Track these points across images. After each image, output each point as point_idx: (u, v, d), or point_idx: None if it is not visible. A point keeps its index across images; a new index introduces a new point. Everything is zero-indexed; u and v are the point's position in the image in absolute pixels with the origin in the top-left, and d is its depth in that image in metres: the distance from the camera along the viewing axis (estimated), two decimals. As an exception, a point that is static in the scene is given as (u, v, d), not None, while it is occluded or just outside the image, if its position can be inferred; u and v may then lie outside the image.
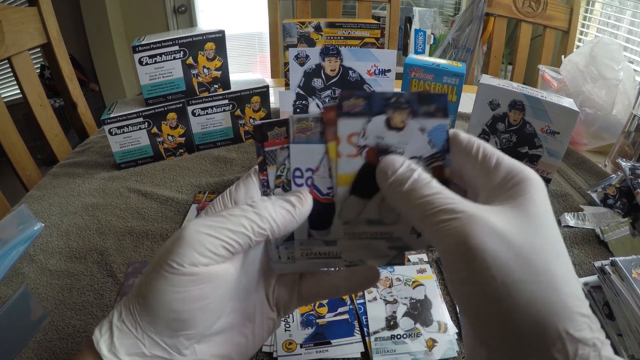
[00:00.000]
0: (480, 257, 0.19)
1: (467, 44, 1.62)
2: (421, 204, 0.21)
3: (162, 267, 0.22)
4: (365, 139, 0.25)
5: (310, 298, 0.29)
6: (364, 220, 0.26)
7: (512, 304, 0.18)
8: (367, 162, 0.25)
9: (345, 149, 0.25)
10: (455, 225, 0.20)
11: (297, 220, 0.25)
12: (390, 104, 0.24)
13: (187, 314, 0.22)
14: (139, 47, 0.65)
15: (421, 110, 0.24)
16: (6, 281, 0.49)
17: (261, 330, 0.27)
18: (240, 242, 0.23)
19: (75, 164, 0.75)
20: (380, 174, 0.24)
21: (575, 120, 0.58)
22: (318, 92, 0.57)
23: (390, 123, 0.25)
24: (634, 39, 1.51)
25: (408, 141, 0.25)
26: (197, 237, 0.22)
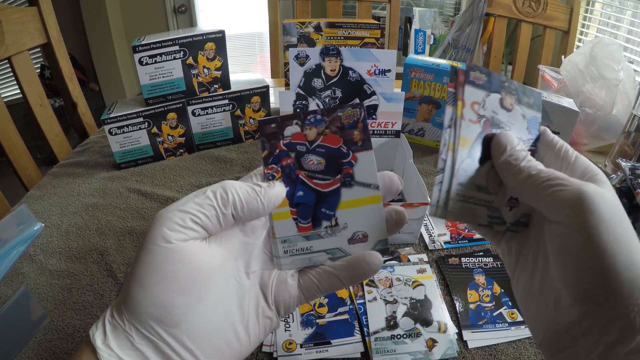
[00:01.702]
0: (596, 210, 0.22)
1: (467, 44, 1.62)
2: (539, 173, 0.25)
3: (140, 252, 0.23)
4: (485, 109, 0.27)
5: (311, 293, 0.29)
6: (473, 184, 0.27)
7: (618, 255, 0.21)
8: (483, 131, 0.27)
9: (469, 113, 0.27)
10: (574, 187, 0.23)
11: (261, 200, 0.26)
12: (504, 86, 0.28)
13: (165, 296, 0.23)
14: (139, 47, 0.65)
15: (524, 99, 0.29)
16: (6, 281, 0.49)
17: (257, 329, 0.27)
18: (206, 214, 0.24)
19: (75, 164, 0.75)
20: (496, 146, 0.27)
21: (575, 120, 0.58)
22: (318, 92, 0.57)
23: (503, 103, 0.28)
24: (634, 39, 1.51)
25: (514, 123, 0.28)
26: (166, 214, 0.24)
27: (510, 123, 0.28)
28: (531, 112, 0.29)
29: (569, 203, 0.23)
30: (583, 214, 0.22)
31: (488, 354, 0.41)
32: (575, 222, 0.22)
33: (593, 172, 0.25)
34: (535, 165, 0.26)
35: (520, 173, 0.25)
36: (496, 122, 0.28)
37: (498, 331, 0.43)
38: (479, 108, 0.27)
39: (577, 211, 0.22)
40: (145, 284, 0.23)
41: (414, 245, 0.54)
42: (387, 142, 0.61)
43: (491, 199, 0.28)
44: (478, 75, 0.27)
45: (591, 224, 0.22)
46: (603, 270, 0.21)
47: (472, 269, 0.50)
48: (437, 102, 0.74)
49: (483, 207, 0.28)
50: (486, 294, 0.47)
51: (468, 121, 0.27)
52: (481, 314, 0.44)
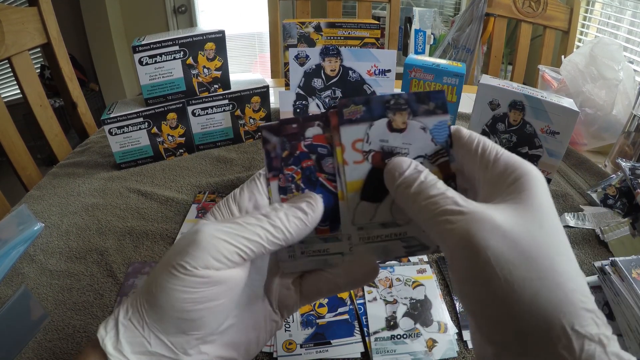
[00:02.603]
0: (483, 256, 0.19)
1: (467, 44, 1.62)
2: (427, 204, 0.22)
3: (175, 268, 0.22)
4: (370, 143, 0.25)
5: (311, 296, 0.30)
6: (377, 224, 0.26)
7: (517, 301, 0.19)
8: (373, 166, 0.25)
9: (351, 155, 0.25)
10: (458, 225, 0.20)
11: (310, 227, 0.25)
12: (390, 106, 0.25)
13: (196, 314, 0.23)
14: (139, 47, 0.65)
15: (420, 109, 0.25)
16: (6, 281, 0.49)
17: (264, 333, 0.28)
18: (254, 250, 0.24)
19: (75, 164, 0.75)
20: (388, 176, 0.25)
21: (575, 120, 0.58)
22: (318, 92, 0.57)
23: (392, 125, 0.25)
24: (634, 39, 1.51)
25: (411, 141, 0.25)
26: (212, 242, 0.23)
27: (406, 144, 0.25)
28: (434, 119, 0.25)
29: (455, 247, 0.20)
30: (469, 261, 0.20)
31: (488, 354, 0.41)
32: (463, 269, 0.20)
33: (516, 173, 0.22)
34: (427, 189, 0.22)
35: (413, 202, 0.23)
36: (388, 151, 0.25)
37: (498, 331, 0.43)
38: (363, 144, 0.25)
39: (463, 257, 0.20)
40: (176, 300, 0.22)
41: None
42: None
43: (403, 230, 0.26)
44: (353, 109, 0.25)
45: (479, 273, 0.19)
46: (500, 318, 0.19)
47: (472, 269, 0.50)
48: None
49: (396, 241, 0.26)
50: (486, 294, 0.47)
51: (352, 164, 0.25)
52: (481, 314, 0.44)
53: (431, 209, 0.22)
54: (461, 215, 0.20)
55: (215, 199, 0.64)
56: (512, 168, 0.22)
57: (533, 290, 0.19)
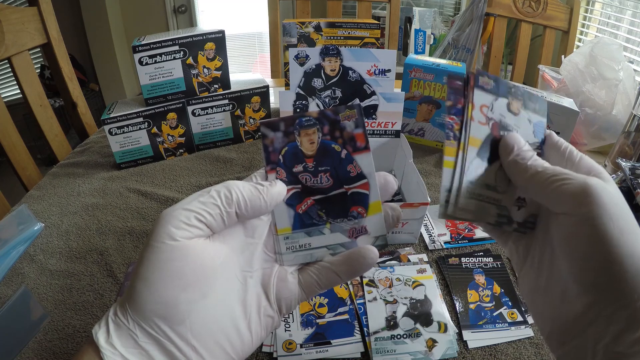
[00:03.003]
0: (601, 201, 0.23)
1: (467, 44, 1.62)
2: (544, 170, 0.26)
3: (145, 251, 0.24)
4: (493, 112, 0.29)
5: (311, 289, 0.30)
6: (483, 183, 0.28)
7: (623, 244, 0.22)
8: (491, 133, 0.29)
9: (478, 115, 0.28)
10: (578, 181, 0.24)
11: (264, 199, 0.27)
12: (511, 92, 0.29)
13: (169, 293, 0.23)
14: (139, 47, 0.65)
15: (530, 105, 0.30)
16: (6, 281, 0.49)
17: (259, 327, 0.27)
18: (211, 212, 0.25)
19: (75, 164, 0.75)
20: (504, 146, 0.28)
21: (575, 120, 0.58)
22: (318, 92, 0.57)
23: (510, 107, 0.29)
24: (634, 39, 1.51)
25: (520, 126, 0.29)
26: (171, 213, 0.25)
27: (517, 126, 0.29)
28: (537, 117, 0.30)
29: (574, 195, 0.23)
30: (587, 205, 0.23)
31: (488, 354, 0.41)
32: (580, 212, 0.23)
33: (597, 170, 0.26)
34: (542, 163, 0.27)
35: (527, 171, 0.26)
36: (504, 125, 0.29)
37: (498, 331, 0.43)
38: (488, 111, 0.28)
39: (582, 202, 0.23)
40: (150, 281, 0.23)
41: (414, 245, 0.54)
42: (387, 142, 0.61)
43: (500, 197, 0.29)
44: (487, 80, 0.28)
45: (595, 214, 0.22)
46: (607, 259, 0.22)
47: (472, 269, 0.50)
48: (437, 102, 0.74)
49: (492, 205, 0.29)
50: (486, 294, 0.47)
51: (477, 123, 0.28)
52: (481, 314, 0.44)
53: (548, 173, 0.25)
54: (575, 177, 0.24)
55: (215, 199, 0.64)
56: (593, 167, 0.27)
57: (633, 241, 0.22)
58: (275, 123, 0.29)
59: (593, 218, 0.23)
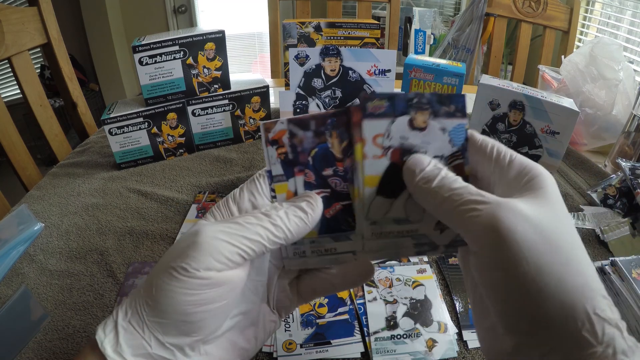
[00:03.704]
0: (512, 240, 0.19)
1: (467, 44, 1.62)
2: (450, 196, 0.22)
3: (176, 270, 0.22)
4: (390, 139, 0.25)
5: (307, 295, 0.30)
6: (390, 219, 0.26)
7: (543, 286, 0.19)
8: (392, 162, 0.25)
9: (371, 150, 0.25)
10: (485, 212, 0.20)
11: (309, 227, 0.26)
12: (413, 104, 0.25)
13: (197, 316, 0.23)
14: (139, 47, 0.65)
15: (442, 110, 0.25)
16: (6, 281, 0.49)
17: (263, 333, 0.28)
18: (255, 250, 0.24)
19: (75, 164, 0.75)
20: (407, 172, 0.25)
21: (575, 120, 0.58)
22: (318, 92, 0.57)
23: (413, 123, 0.25)
24: (634, 39, 1.51)
25: (430, 141, 0.25)
26: (213, 243, 0.23)
27: (425, 143, 0.25)
28: (453, 122, 0.25)
29: (482, 232, 0.20)
30: (497, 246, 0.20)
31: (488, 354, 0.41)
32: (490, 255, 0.20)
33: (531, 174, 0.23)
34: (449, 184, 0.23)
35: (435, 196, 0.23)
36: (408, 148, 0.25)
37: (498, 331, 0.43)
38: (384, 140, 0.25)
39: (491, 242, 0.20)
40: (177, 303, 0.22)
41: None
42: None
43: (416, 227, 0.26)
44: (377, 103, 0.25)
45: (506, 257, 0.20)
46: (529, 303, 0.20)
47: (472, 269, 0.50)
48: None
49: (407, 238, 0.27)
50: (486, 294, 0.47)
51: (372, 159, 0.25)
52: (481, 314, 0.44)
53: (455, 200, 0.22)
54: (487, 204, 0.21)
55: (215, 199, 0.64)
56: (526, 169, 0.23)
57: (558, 275, 0.19)
58: (305, 121, 0.26)
59: (504, 261, 0.20)
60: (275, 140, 0.27)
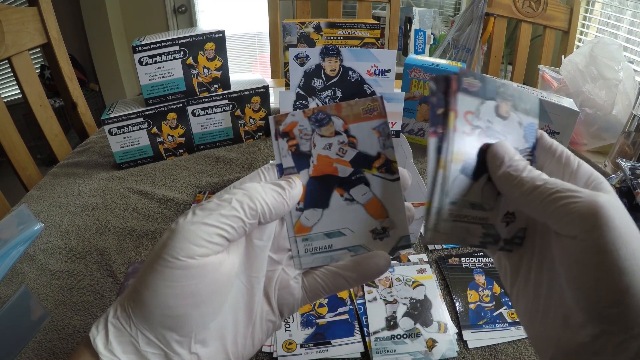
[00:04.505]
0: (614, 225, 0.20)
1: (467, 44, 1.62)
2: (545, 185, 0.23)
3: (157, 262, 0.22)
4: (479, 119, 0.25)
5: (315, 293, 0.28)
6: (467, 202, 0.25)
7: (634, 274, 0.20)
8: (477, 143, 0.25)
9: (462, 124, 0.25)
10: (586, 199, 0.21)
11: (287, 203, 0.25)
12: (500, 92, 0.25)
13: (181, 309, 0.22)
14: (139, 47, 0.65)
15: (520, 105, 0.26)
16: (6, 281, 0.49)
17: (260, 333, 0.27)
18: (234, 226, 0.23)
19: (75, 164, 0.75)
20: (494, 158, 0.25)
21: (575, 120, 0.58)
22: (318, 92, 0.57)
23: (499, 110, 0.26)
24: (634, 39, 1.51)
25: (510, 132, 0.26)
26: (190, 227, 0.22)
27: (506, 133, 0.26)
28: (528, 119, 0.26)
29: (583, 217, 0.21)
30: (600, 229, 0.20)
31: (488, 354, 0.41)
32: (592, 237, 0.21)
33: (598, 180, 0.24)
34: (539, 175, 0.24)
35: (523, 185, 0.23)
36: (491, 133, 0.25)
37: (498, 331, 0.43)
38: (473, 118, 0.25)
39: (593, 226, 0.21)
40: (160, 295, 0.22)
41: (414, 246, 0.54)
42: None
43: (487, 215, 0.26)
44: (472, 81, 0.25)
45: (609, 240, 0.20)
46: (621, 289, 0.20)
47: (472, 269, 0.50)
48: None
49: (477, 225, 0.26)
50: (486, 294, 0.47)
51: (461, 133, 0.24)
52: (481, 314, 0.44)
53: (550, 188, 0.22)
54: (582, 193, 0.21)
55: (215, 199, 0.64)
56: (593, 176, 0.24)
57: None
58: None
59: (605, 244, 0.20)
60: (286, 133, 0.27)
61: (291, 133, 0.27)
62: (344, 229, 0.28)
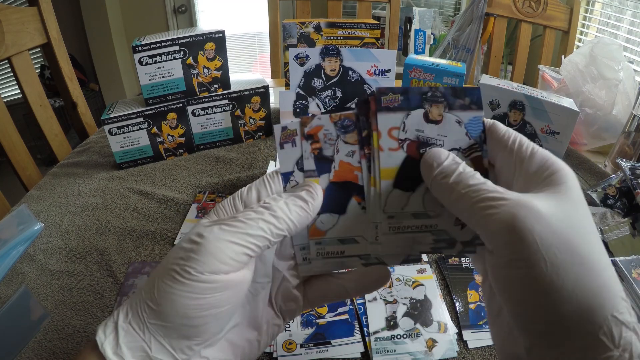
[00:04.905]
0: (530, 239, 0.19)
1: (467, 44, 1.62)
2: (467, 193, 0.22)
3: (179, 273, 0.22)
4: (406, 132, 0.25)
5: (316, 301, 0.29)
6: (408, 213, 0.26)
7: (560, 287, 0.19)
8: (408, 155, 0.25)
9: (387, 142, 0.25)
10: (503, 210, 0.20)
11: (311, 216, 0.25)
12: (427, 98, 0.25)
13: (200, 320, 0.22)
14: (139, 47, 0.65)
15: (456, 103, 0.25)
16: (6, 281, 0.49)
17: (266, 336, 0.28)
18: (259, 246, 0.23)
19: (75, 164, 0.75)
20: (425, 166, 0.24)
21: (575, 120, 0.58)
22: (318, 92, 0.57)
23: (429, 116, 0.25)
24: (634, 39, 1.51)
25: (446, 134, 0.25)
26: (217, 244, 0.22)
27: (441, 136, 0.25)
28: (469, 114, 0.26)
29: (499, 231, 0.20)
30: (514, 245, 0.19)
31: (488, 354, 0.41)
32: (507, 254, 0.20)
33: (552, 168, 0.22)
34: (467, 179, 0.22)
35: (451, 192, 0.23)
36: (424, 141, 0.25)
37: (498, 331, 0.43)
38: (399, 132, 0.25)
39: (508, 241, 0.20)
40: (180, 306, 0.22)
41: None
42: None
43: (434, 222, 0.26)
44: (391, 97, 0.25)
45: (524, 256, 0.19)
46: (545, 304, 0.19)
47: (472, 269, 0.50)
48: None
49: (425, 233, 0.26)
50: (486, 294, 0.47)
51: (388, 151, 0.25)
52: (481, 314, 0.44)
53: (472, 196, 0.21)
54: (505, 201, 0.20)
55: (215, 199, 0.64)
56: (547, 164, 0.22)
57: (576, 276, 0.19)
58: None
59: (521, 260, 0.19)
60: (311, 135, 0.26)
61: (316, 136, 0.26)
62: (358, 236, 0.27)
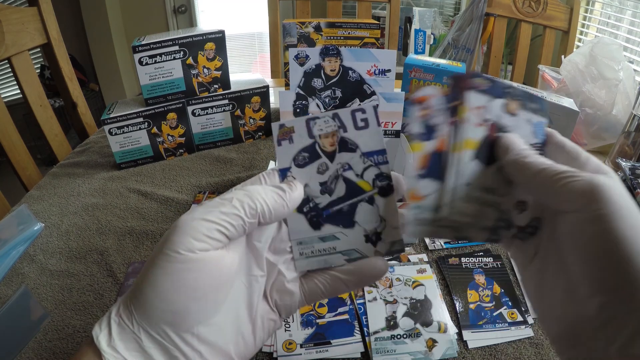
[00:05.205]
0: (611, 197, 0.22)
1: (467, 44, 1.62)
2: (547, 168, 0.25)
3: (158, 257, 0.23)
4: (489, 114, 0.28)
5: (314, 296, 0.29)
6: (481, 185, 0.28)
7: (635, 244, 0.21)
8: (489, 133, 0.28)
9: (472, 117, 0.28)
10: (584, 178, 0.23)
11: (287, 205, 0.26)
12: (508, 92, 0.29)
13: (181, 304, 0.23)
14: (139, 47, 0.65)
15: (529, 105, 0.29)
16: (6, 281, 0.49)
17: (262, 331, 0.27)
18: (233, 224, 0.24)
19: (75, 164, 0.75)
20: (504, 146, 0.27)
21: (575, 120, 0.58)
22: (318, 92, 0.57)
23: (507, 108, 0.29)
24: (634, 39, 1.51)
25: (518, 127, 0.29)
26: (191, 222, 0.23)
27: (515, 127, 0.29)
28: (537, 118, 0.29)
29: (582, 192, 0.23)
30: (597, 202, 0.22)
31: (488, 354, 0.41)
32: (590, 209, 0.22)
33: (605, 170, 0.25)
34: (544, 160, 0.26)
35: (530, 168, 0.26)
36: (501, 126, 0.28)
37: (498, 331, 0.43)
38: (484, 112, 0.28)
39: (591, 199, 0.22)
40: (160, 289, 0.22)
41: (414, 245, 0.54)
42: (387, 142, 0.61)
43: (499, 200, 0.28)
44: (481, 81, 0.28)
45: (605, 212, 0.22)
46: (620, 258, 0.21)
47: (472, 269, 0.50)
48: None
49: (491, 208, 0.28)
50: (486, 294, 0.47)
51: (472, 125, 0.28)
52: (481, 314, 0.44)
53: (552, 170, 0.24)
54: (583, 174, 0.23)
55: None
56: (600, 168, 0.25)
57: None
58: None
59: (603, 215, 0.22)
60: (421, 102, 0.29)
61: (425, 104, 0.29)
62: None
